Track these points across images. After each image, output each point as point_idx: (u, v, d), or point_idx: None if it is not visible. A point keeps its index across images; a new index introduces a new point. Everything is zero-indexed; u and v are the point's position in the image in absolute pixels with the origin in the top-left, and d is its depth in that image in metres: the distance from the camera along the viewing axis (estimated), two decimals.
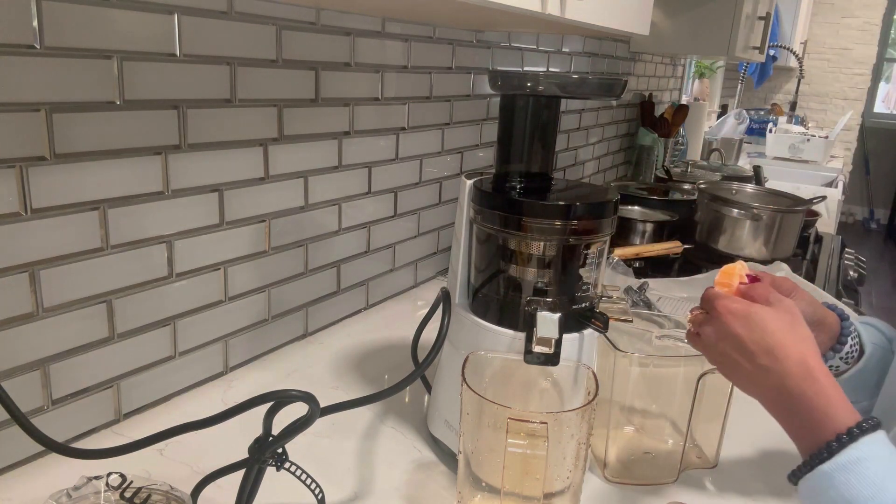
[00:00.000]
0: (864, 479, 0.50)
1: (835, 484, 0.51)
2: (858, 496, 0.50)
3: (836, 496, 0.51)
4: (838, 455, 0.51)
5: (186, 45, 0.79)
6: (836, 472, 0.51)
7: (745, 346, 0.58)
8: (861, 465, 0.50)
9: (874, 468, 0.50)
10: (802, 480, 0.54)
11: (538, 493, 0.63)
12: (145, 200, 0.78)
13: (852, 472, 0.51)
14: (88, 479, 0.56)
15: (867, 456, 0.51)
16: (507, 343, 0.71)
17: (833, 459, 0.52)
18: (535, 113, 0.73)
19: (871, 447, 0.51)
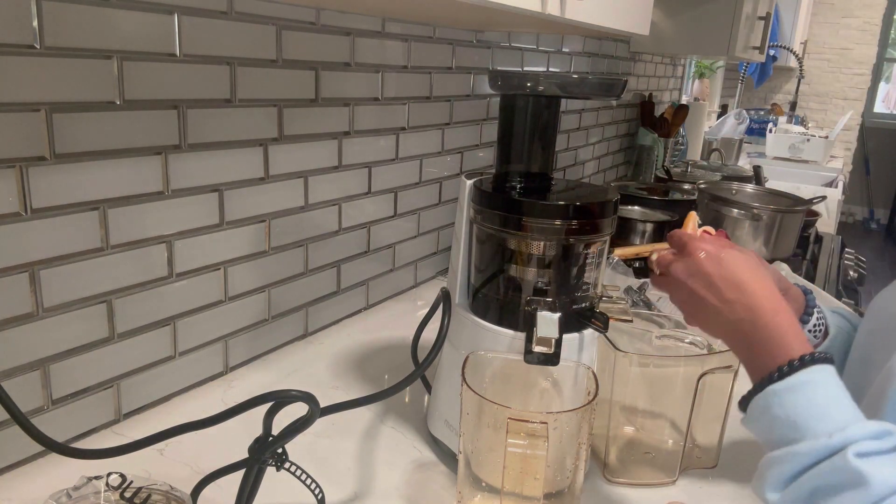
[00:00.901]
0: (809, 400, 0.52)
1: (782, 402, 0.53)
2: (802, 414, 0.51)
3: (781, 413, 0.52)
4: (789, 377, 0.53)
5: (186, 45, 0.79)
6: (785, 391, 0.53)
7: (713, 282, 0.61)
8: (808, 387, 0.52)
9: (821, 392, 0.52)
10: (752, 402, 0.55)
11: (538, 493, 0.63)
12: (145, 200, 0.78)
13: (800, 392, 0.52)
14: (88, 479, 0.56)
15: (815, 381, 0.52)
16: (507, 343, 0.71)
17: (783, 380, 0.53)
18: (535, 113, 0.73)
19: (821, 375, 0.53)
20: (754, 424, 0.56)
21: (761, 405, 0.54)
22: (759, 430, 0.55)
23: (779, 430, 0.52)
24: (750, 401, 0.55)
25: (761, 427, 0.55)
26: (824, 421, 0.50)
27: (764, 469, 0.53)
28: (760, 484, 0.53)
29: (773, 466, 0.52)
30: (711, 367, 0.75)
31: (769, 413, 0.53)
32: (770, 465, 0.52)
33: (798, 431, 0.51)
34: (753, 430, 0.56)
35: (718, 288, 0.60)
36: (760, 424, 0.55)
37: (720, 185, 1.87)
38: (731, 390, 0.77)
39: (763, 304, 0.58)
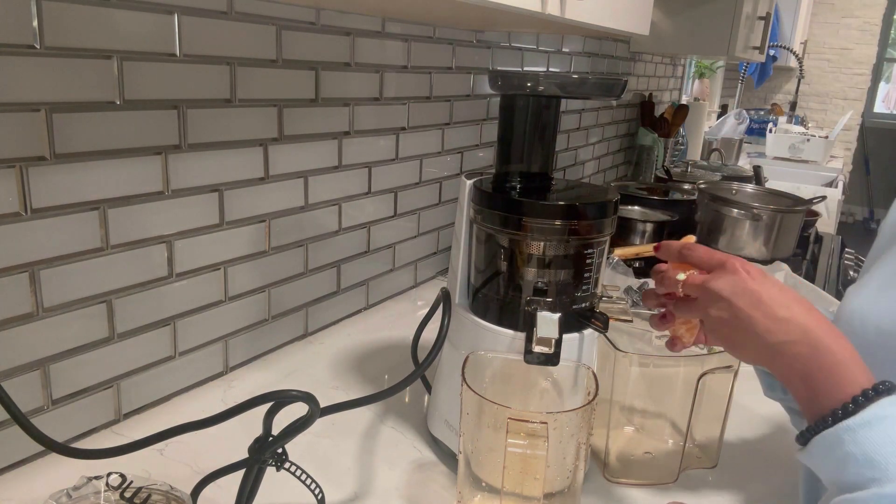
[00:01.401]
0: (886, 435, 0.48)
1: (855, 439, 0.49)
2: (881, 452, 0.47)
3: (857, 451, 0.48)
4: (864, 411, 0.49)
5: (186, 45, 0.79)
6: (859, 427, 0.49)
7: (762, 299, 0.55)
8: (885, 423, 0.48)
9: (895, 427, 0.48)
10: (818, 437, 0.51)
11: (538, 493, 0.63)
12: (145, 200, 0.78)
13: (877, 428, 0.48)
14: (88, 479, 0.56)
15: (891, 415, 0.49)
16: (507, 343, 0.71)
17: (857, 415, 0.49)
18: (535, 113, 0.73)
19: (893, 408, 0.49)
20: (820, 461, 0.51)
21: (830, 441, 0.50)
22: (827, 467, 0.51)
23: (854, 469, 0.48)
24: (814, 435, 0.51)
25: (829, 465, 0.50)
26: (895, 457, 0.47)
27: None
28: None
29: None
30: (711, 367, 0.75)
31: (841, 450, 0.49)
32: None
33: (878, 471, 0.47)
34: (817, 466, 0.52)
35: (769, 305, 0.55)
36: (828, 462, 0.50)
37: (720, 185, 1.87)
38: (731, 390, 0.77)
39: (821, 326, 0.53)
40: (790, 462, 0.83)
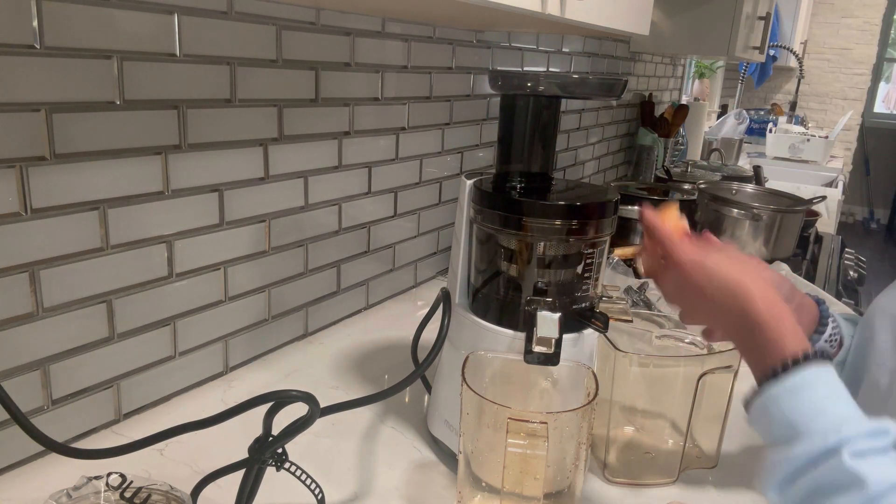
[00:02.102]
0: (805, 401, 0.52)
1: (779, 404, 0.53)
2: (798, 415, 0.51)
3: (779, 415, 0.53)
4: (786, 378, 0.53)
5: (186, 45, 0.79)
6: (782, 393, 0.53)
7: (703, 292, 0.61)
8: (805, 389, 0.52)
9: (818, 392, 0.52)
10: (752, 404, 0.55)
11: (538, 493, 0.63)
12: (145, 200, 0.78)
13: (796, 393, 0.52)
14: (88, 479, 0.56)
15: (811, 381, 0.52)
16: (507, 343, 0.71)
17: (780, 382, 0.53)
18: (535, 113, 0.73)
19: (817, 374, 0.53)
20: (756, 426, 0.56)
21: (760, 407, 0.54)
22: (761, 431, 0.55)
23: (778, 432, 0.53)
24: (752, 403, 0.56)
25: (762, 429, 0.55)
26: (819, 421, 0.50)
27: (766, 470, 0.53)
28: (763, 485, 0.53)
29: (773, 468, 0.52)
30: (711, 367, 0.75)
31: (768, 415, 0.54)
32: (770, 467, 0.52)
33: (795, 432, 0.51)
34: (756, 431, 0.56)
35: (710, 296, 0.60)
36: (761, 426, 0.55)
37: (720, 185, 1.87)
38: (731, 390, 0.77)
39: (756, 307, 0.57)
40: None
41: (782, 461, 0.51)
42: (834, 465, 0.48)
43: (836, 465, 0.48)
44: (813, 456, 0.49)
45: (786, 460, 0.51)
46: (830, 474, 0.48)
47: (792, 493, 0.50)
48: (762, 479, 0.53)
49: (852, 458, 0.47)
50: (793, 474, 0.50)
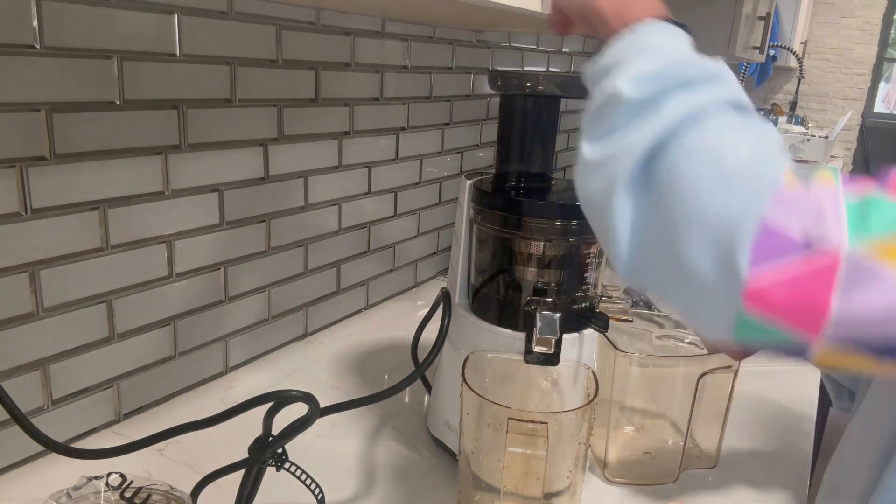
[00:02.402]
0: (643, 37, 0.49)
1: (613, 48, 0.49)
2: (625, 49, 0.48)
3: (609, 57, 0.49)
4: (632, 30, 0.49)
5: (186, 45, 0.79)
6: (622, 36, 0.49)
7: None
8: (648, 31, 0.49)
9: (661, 35, 0.49)
10: (593, 64, 0.51)
11: (538, 493, 0.63)
12: (145, 200, 0.78)
13: (636, 34, 0.49)
14: (88, 479, 0.56)
15: (658, 30, 0.49)
16: (507, 343, 0.71)
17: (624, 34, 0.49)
18: (535, 113, 0.73)
19: (662, 28, 0.49)
20: (589, 82, 0.51)
21: (596, 66, 0.51)
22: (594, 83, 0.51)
23: (605, 63, 0.49)
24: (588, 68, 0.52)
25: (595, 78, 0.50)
26: (656, 54, 0.47)
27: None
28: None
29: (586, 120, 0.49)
30: (711, 367, 0.75)
31: (604, 60, 0.50)
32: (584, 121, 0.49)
33: (617, 61, 0.48)
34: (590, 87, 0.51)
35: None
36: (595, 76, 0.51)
37: None
38: (731, 390, 0.77)
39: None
40: (790, 462, 0.84)
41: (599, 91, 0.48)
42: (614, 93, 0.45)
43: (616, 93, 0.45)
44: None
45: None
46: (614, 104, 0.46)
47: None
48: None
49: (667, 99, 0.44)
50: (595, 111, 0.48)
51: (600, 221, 0.47)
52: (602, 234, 0.47)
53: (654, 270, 0.45)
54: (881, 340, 0.38)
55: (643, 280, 0.46)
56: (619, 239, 0.45)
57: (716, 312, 0.42)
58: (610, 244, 0.46)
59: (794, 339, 0.40)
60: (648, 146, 0.44)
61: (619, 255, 0.46)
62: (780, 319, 0.40)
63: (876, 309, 0.37)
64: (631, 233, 0.45)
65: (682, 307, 0.45)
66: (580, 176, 0.48)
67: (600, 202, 0.46)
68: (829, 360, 0.41)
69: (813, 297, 0.38)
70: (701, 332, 0.46)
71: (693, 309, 0.44)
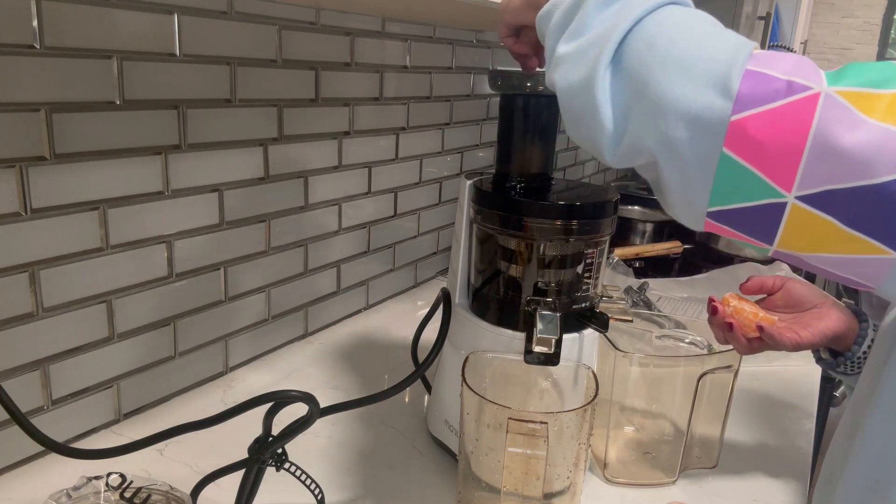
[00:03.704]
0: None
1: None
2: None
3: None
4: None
5: (186, 45, 0.79)
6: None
7: None
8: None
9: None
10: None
11: (538, 493, 0.63)
12: (145, 200, 0.78)
13: None
14: (88, 479, 0.56)
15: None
16: (507, 343, 0.71)
17: None
18: (535, 113, 0.73)
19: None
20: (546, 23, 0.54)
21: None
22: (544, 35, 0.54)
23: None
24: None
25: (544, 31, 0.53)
26: None
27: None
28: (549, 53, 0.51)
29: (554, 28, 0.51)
30: (711, 367, 0.75)
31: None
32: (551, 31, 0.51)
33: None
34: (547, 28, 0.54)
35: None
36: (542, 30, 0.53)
37: None
38: (731, 390, 0.77)
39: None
40: (790, 462, 0.84)
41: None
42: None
43: None
44: None
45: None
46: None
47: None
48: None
49: None
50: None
51: (583, 105, 0.48)
52: (587, 119, 0.48)
53: (637, 145, 0.46)
54: (848, 199, 0.39)
55: (629, 156, 0.48)
56: (604, 116, 0.47)
57: (700, 161, 0.43)
58: (595, 126, 0.48)
59: (769, 192, 0.41)
60: (625, 28, 0.46)
61: (605, 133, 0.47)
62: (759, 163, 0.41)
63: (849, 149, 0.38)
64: (613, 108, 0.47)
65: (667, 176, 0.46)
66: (559, 72, 0.50)
67: (583, 87, 0.47)
68: (799, 228, 0.42)
69: (792, 130, 0.40)
70: (683, 209, 0.47)
71: (675, 170, 0.45)
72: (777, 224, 0.42)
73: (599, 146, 0.49)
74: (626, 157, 0.48)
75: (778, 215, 0.42)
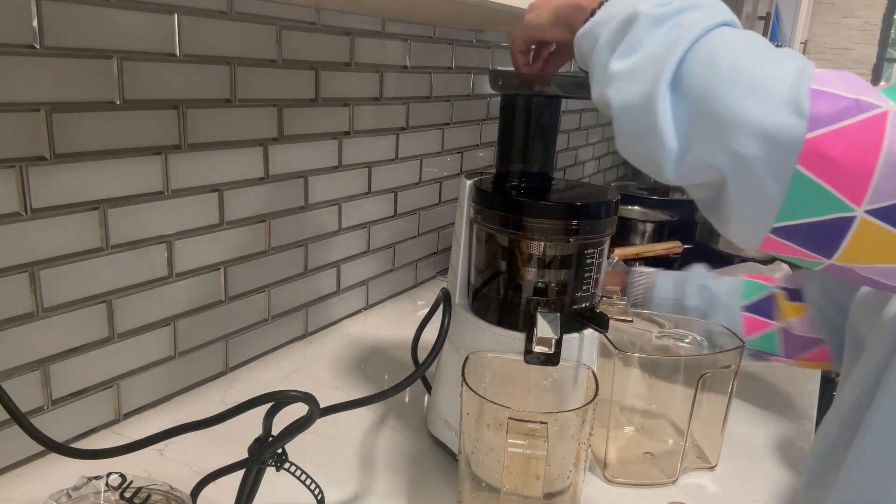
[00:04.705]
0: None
1: (596, 20, 0.54)
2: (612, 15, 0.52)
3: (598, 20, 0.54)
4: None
5: (186, 45, 0.79)
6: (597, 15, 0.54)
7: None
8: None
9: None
10: (579, 34, 0.56)
11: (538, 493, 0.63)
12: (145, 200, 0.78)
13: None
14: (88, 479, 0.56)
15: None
16: (507, 343, 0.71)
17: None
18: (535, 113, 0.73)
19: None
20: (581, 52, 0.56)
21: (584, 33, 0.55)
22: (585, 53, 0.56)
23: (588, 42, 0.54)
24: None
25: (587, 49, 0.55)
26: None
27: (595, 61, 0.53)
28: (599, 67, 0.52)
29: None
30: (711, 367, 0.75)
31: (591, 33, 0.54)
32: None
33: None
34: (583, 58, 0.56)
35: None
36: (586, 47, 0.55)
37: None
38: (731, 390, 0.77)
39: None
40: (790, 462, 0.84)
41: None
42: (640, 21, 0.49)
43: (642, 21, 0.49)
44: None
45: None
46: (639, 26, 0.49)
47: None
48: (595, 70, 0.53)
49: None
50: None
51: (642, 124, 0.48)
52: (646, 137, 0.49)
53: (703, 162, 0.46)
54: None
55: (692, 174, 0.48)
56: (666, 134, 0.47)
57: (773, 178, 0.43)
58: (656, 144, 0.48)
59: (838, 207, 0.42)
60: (683, 48, 0.46)
61: (666, 151, 0.48)
62: (832, 179, 0.42)
63: None
64: (675, 127, 0.47)
65: (734, 194, 0.46)
66: (613, 87, 0.50)
67: (643, 105, 0.48)
68: (864, 241, 0.42)
69: (865, 147, 0.41)
70: (743, 226, 0.48)
71: (746, 187, 0.45)
72: (842, 237, 0.43)
73: (659, 163, 0.49)
74: (689, 175, 0.48)
75: (845, 229, 0.43)
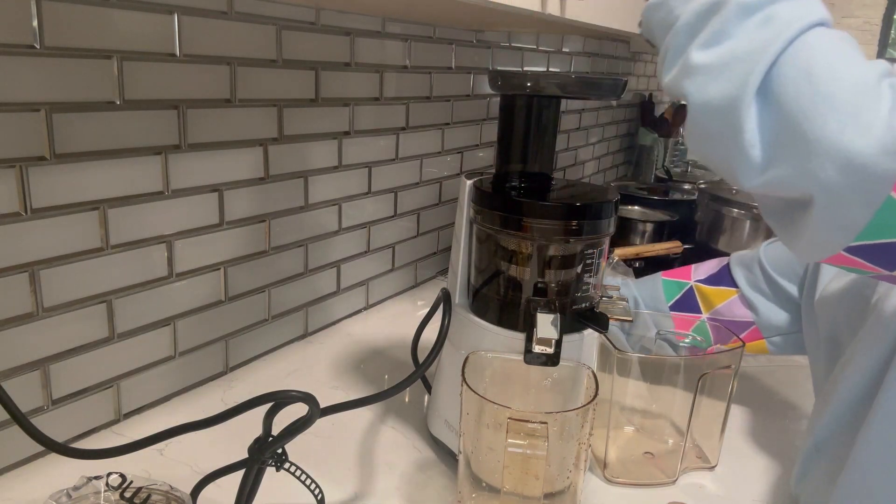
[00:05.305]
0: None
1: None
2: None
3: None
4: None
5: (186, 45, 0.79)
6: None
7: None
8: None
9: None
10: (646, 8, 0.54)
11: (538, 493, 0.63)
12: (145, 200, 0.78)
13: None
14: (88, 479, 0.56)
15: None
16: (507, 343, 0.71)
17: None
18: (535, 113, 0.73)
19: None
20: (652, 26, 0.53)
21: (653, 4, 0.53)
22: (660, 28, 0.53)
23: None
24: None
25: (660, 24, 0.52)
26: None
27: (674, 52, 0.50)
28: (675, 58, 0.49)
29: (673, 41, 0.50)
30: (711, 367, 0.75)
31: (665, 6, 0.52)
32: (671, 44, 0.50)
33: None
34: (653, 32, 0.54)
35: None
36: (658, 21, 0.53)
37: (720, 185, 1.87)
38: (731, 390, 0.77)
39: None
40: (790, 462, 0.83)
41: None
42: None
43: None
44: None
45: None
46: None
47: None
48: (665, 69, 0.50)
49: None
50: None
51: (724, 127, 0.46)
52: (725, 142, 0.46)
53: (787, 180, 0.45)
54: None
55: (772, 188, 0.46)
56: (749, 146, 0.45)
57: (863, 204, 0.42)
58: (736, 151, 0.46)
59: None
60: (777, 50, 0.44)
61: (747, 160, 0.46)
62: None
63: None
64: (761, 137, 0.45)
65: (818, 214, 0.44)
66: (693, 81, 0.47)
67: (727, 107, 0.45)
68: None
69: None
70: (814, 243, 0.46)
71: (832, 209, 0.44)
72: None
73: (736, 172, 0.47)
74: (768, 189, 0.47)
75: None
